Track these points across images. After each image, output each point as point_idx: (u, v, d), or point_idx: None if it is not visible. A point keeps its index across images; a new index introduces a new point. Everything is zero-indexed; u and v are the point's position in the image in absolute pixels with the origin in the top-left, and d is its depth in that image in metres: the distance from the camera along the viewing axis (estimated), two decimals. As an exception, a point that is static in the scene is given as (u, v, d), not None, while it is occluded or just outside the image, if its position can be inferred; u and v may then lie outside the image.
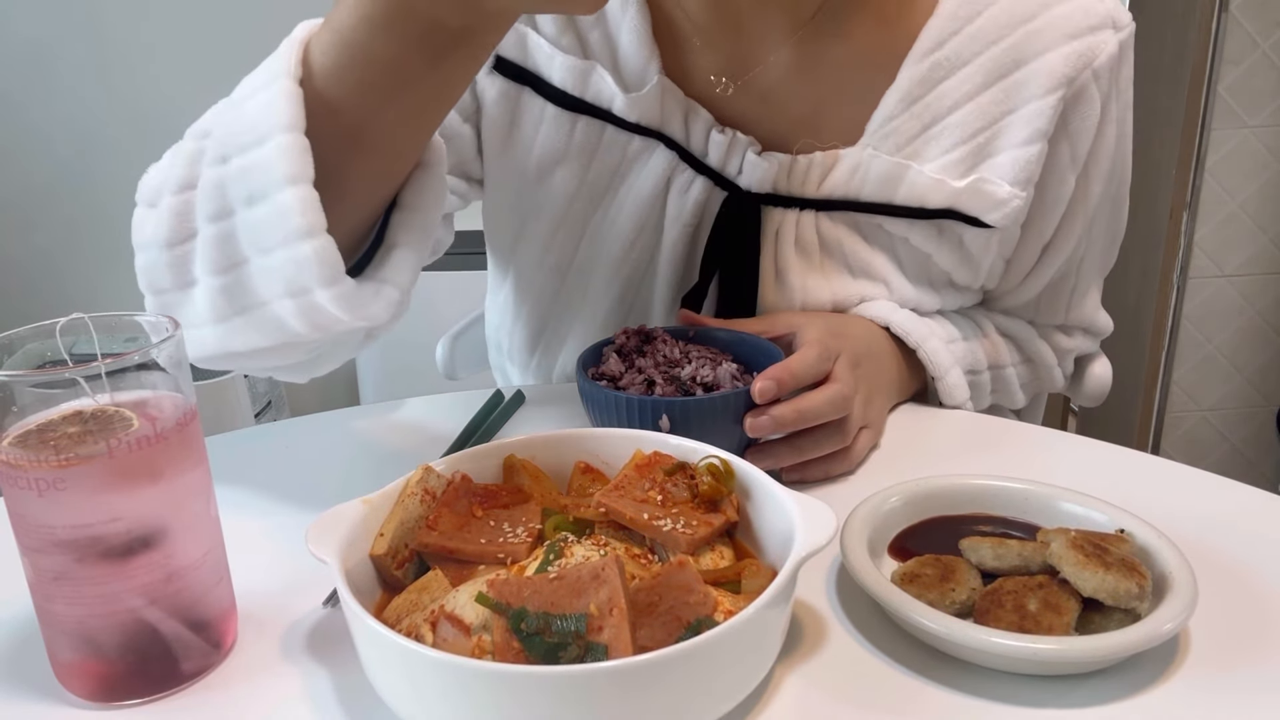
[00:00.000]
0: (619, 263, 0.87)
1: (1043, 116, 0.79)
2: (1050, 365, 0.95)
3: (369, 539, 0.55)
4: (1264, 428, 2.17)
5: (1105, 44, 0.79)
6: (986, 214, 0.81)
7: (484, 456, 0.61)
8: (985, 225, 0.82)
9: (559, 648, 0.45)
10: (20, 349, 0.51)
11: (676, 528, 0.54)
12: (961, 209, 0.81)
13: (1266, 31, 1.89)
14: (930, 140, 0.81)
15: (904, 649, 0.54)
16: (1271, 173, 1.98)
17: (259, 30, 2.13)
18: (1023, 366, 0.94)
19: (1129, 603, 0.52)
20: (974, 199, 0.80)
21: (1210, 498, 0.69)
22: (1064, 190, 0.84)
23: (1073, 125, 0.81)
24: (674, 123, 0.83)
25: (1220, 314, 2.07)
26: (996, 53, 0.79)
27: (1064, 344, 0.96)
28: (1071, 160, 0.83)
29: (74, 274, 2.27)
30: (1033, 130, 0.79)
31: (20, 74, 2.14)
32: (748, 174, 0.82)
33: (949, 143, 0.80)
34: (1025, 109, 0.79)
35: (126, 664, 0.51)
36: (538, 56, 0.82)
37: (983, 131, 0.80)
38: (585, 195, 0.86)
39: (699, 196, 0.83)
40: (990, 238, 0.83)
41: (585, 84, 0.82)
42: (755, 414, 0.68)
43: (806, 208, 0.83)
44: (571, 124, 0.83)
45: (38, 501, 0.48)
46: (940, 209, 0.82)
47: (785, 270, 0.84)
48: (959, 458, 0.75)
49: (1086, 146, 0.82)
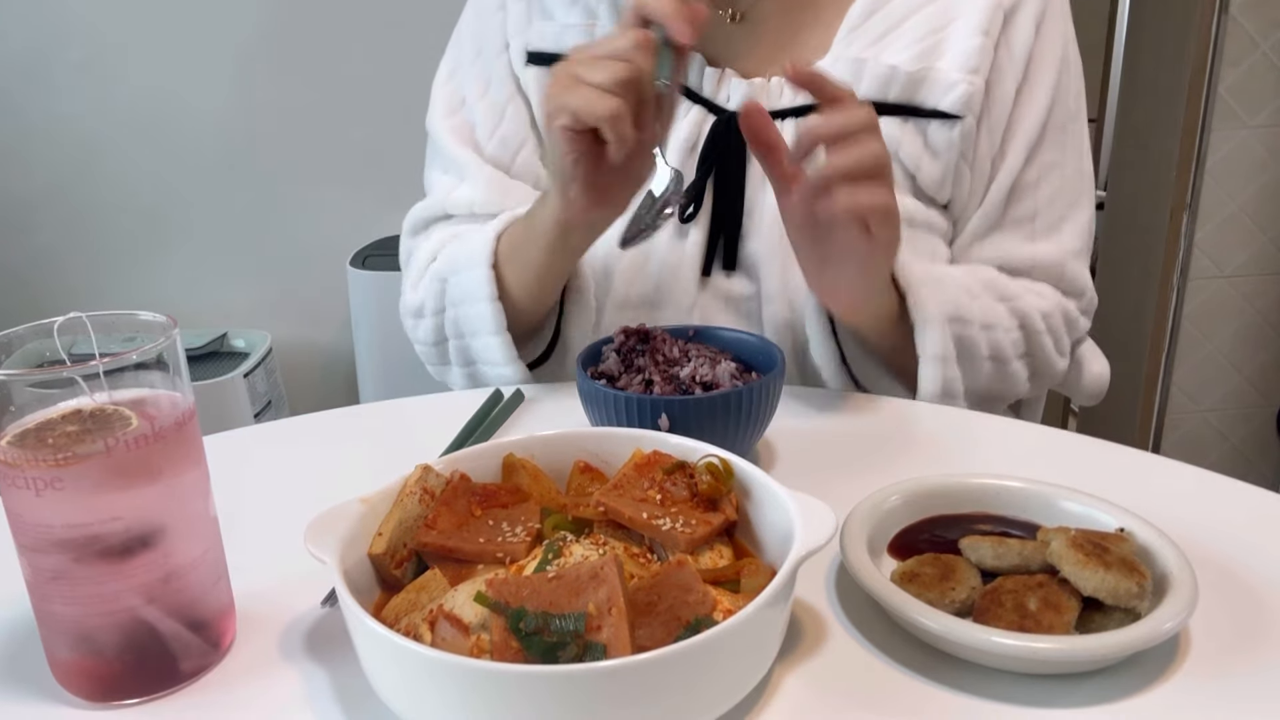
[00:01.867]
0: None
1: (981, 13, 0.90)
2: (1038, 330, 0.91)
3: (367, 538, 0.55)
4: (1264, 428, 2.17)
5: None
6: (940, 100, 0.90)
7: (483, 456, 0.61)
8: (945, 116, 0.90)
9: (558, 647, 0.45)
10: (18, 348, 0.51)
11: (675, 527, 0.54)
12: (918, 102, 0.90)
13: (1266, 32, 1.89)
14: (886, 45, 0.92)
15: (904, 649, 0.54)
16: (1271, 174, 1.98)
17: (258, 31, 2.14)
18: (1017, 333, 0.91)
19: (1129, 602, 0.52)
20: (927, 87, 0.90)
21: (1210, 497, 0.69)
22: (1006, 98, 0.92)
23: (1011, 38, 0.92)
24: None
25: (1220, 314, 2.07)
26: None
27: (1036, 303, 0.93)
28: (1010, 66, 0.92)
29: (73, 274, 2.27)
30: (973, 25, 0.90)
31: (20, 75, 2.14)
32: (734, 99, 0.94)
33: (903, 45, 0.91)
34: (967, 10, 0.91)
35: (125, 663, 0.51)
36: (555, 38, 0.97)
37: (931, 35, 0.91)
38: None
39: (695, 119, 0.95)
40: (952, 131, 0.90)
41: (594, 39, 0.91)
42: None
43: (787, 117, 0.93)
44: None
45: (35, 501, 0.48)
46: (900, 103, 0.90)
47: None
48: (959, 457, 0.75)
49: (1024, 57, 0.92)
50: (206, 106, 2.19)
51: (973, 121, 0.91)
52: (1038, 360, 0.93)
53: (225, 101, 2.20)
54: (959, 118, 0.90)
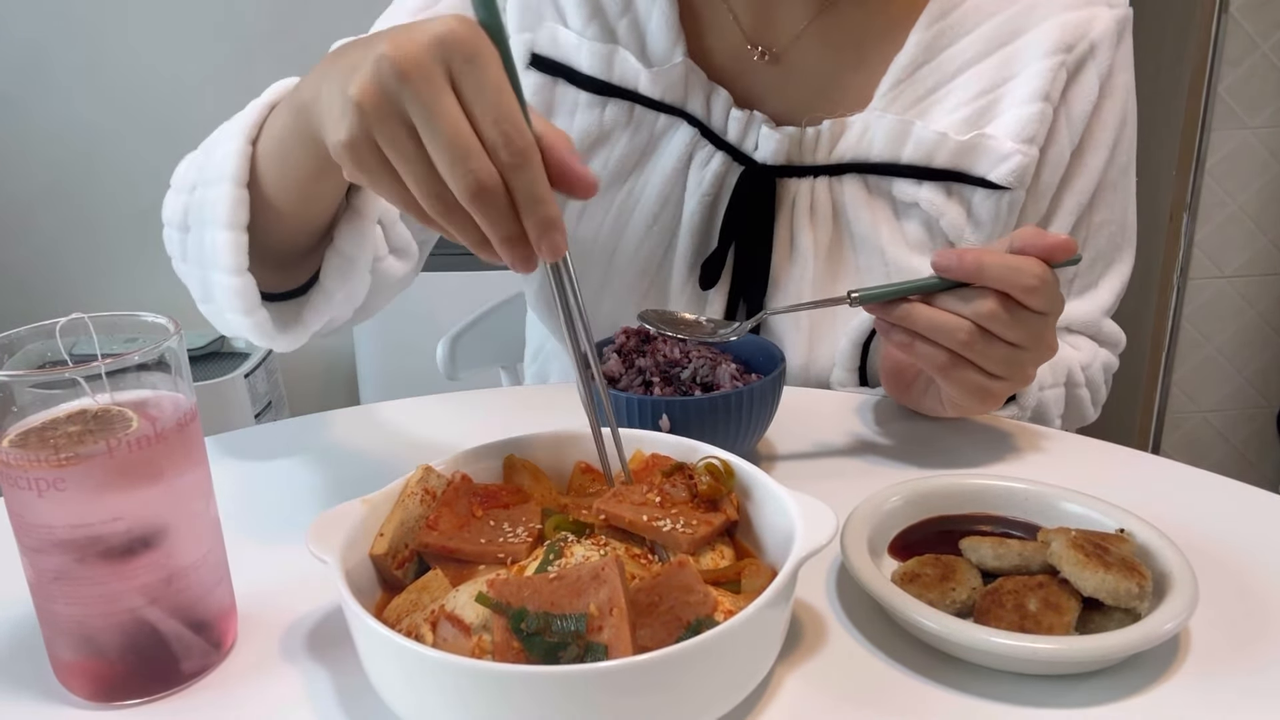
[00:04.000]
0: (642, 237, 0.90)
1: (1041, 78, 0.83)
2: (1077, 383, 0.91)
3: (369, 539, 0.55)
4: (1264, 428, 2.17)
5: (1100, 17, 0.85)
6: (991, 170, 0.83)
7: (484, 456, 0.61)
8: (993, 187, 0.83)
9: (559, 648, 0.45)
10: (20, 349, 0.51)
11: (676, 528, 0.54)
12: (966, 168, 0.83)
13: (1266, 33, 1.89)
14: (935, 104, 0.85)
15: (904, 649, 0.54)
16: (1271, 174, 1.98)
17: (259, 31, 2.14)
18: (1060, 389, 0.90)
19: (1129, 603, 0.52)
20: (977, 155, 0.83)
21: (1210, 498, 0.69)
22: (1060, 161, 0.86)
23: (1072, 99, 0.85)
24: (696, 101, 0.87)
25: (1220, 315, 2.07)
26: (998, 22, 0.84)
27: (1073, 355, 0.92)
28: (1068, 130, 0.85)
29: (73, 275, 2.27)
30: (1032, 90, 0.83)
31: (19, 76, 2.14)
32: (763, 148, 0.86)
33: (953, 104, 0.84)
34: (1025, 72, 0.83)
35: (126, 664, 0.51)
36: (566, 49, 0.88)
37: (985, 95, 0.84)
38: (614, 173, 0.89)
39: (718, 169, 0.87)
40: (1000, 201, 0.84)
41: (611, 67, 0.87)
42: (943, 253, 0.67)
43: (820, 175, 0.86)
44: (602, 107, 0.88)
45: (38, 501, 0.48)
46: (946, 169, 0.84)
47: (797, 236, 0.87)
48: (959, 458, 0.75)
49: (1084, 123, 0.86)
50: (207, 106, 2.18)
51: (1023, 192, 0.85)
52: (1072, 411, 0.93)
53: (226, 101, 2.19)
54: (1008, 189, 0.84)
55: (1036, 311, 0.67)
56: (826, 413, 0.83)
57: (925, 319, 0.67)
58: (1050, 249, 0.67)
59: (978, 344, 0.67)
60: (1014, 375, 0.69)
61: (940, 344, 0.68)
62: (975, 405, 0.72)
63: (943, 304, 0.68)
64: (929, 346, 0.68)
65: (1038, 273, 0.66)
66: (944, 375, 0.69)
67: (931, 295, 0.68)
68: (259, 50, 2.16)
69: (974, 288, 0.67)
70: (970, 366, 0.68)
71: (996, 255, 0.67)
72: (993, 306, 0.66)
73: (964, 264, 0.66)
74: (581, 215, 0.90)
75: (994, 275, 0.66)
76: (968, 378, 0.69)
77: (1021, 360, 0.69)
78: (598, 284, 0.92)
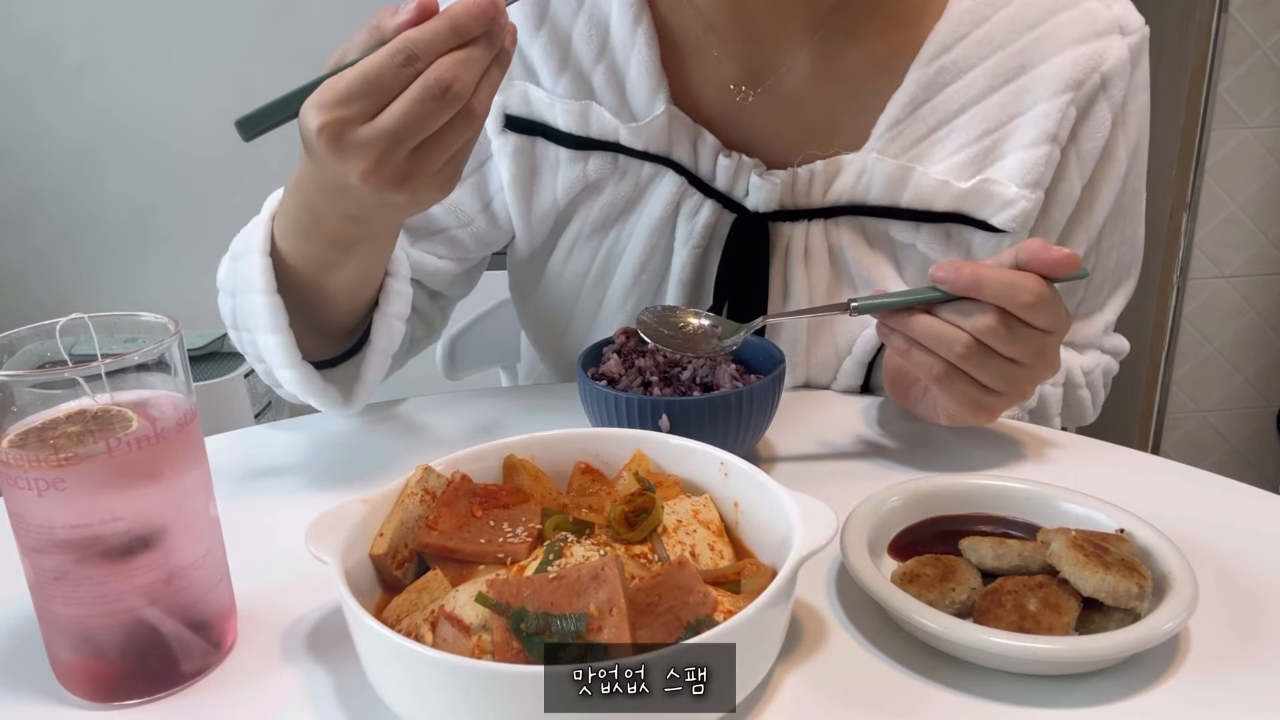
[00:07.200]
0: (629, 287, 0.88)
1: (1050, 119, 0.79)
2: (1077, 384, 0.91)
3: (369, 539, 0.55)
4: (1264, 428, 2.17)
5: (1112, 48, 0.80)
6: (994, 215, 0.80)
7: (484, 456, 0.61)
8: (994, 230, 0.81)
9: (559, 648, 0.45)
10: (20, 349, 0.51)
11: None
12: (968, 212, 0.81)
13: (1266, 32, 1.89)
14: (936, 144, 0.81)
15: (904, 649, 0.54)
16: (1271, 174, 1.98)
17: (257, 30, 2.14)
18: (1059, 388, 0.90)
19: (1129, 603, 0.52)
20: (980, 200, 0.80)
21: (1210, 498, 0.69)
22: (1069, 198, 0.83)
23: (1082, 136, 0.81)
24: (681, 148, 0.83)
25: (1220, 315, 2.07)
26: (1003, 58, 0.79)
27: (1077, 359, 0.91)
28: (1079, 171, 0.82)
29: (73, 274, 2.27)
30: (1040, 132, 0.79)
31: (19, 76, 2.14)
32: (754, 195, 0.83)
33: (955, 145, 0.80)
34: (1032, 111, 0.79)
35: (126, 664, 0.51)
36: (539, 107, 0.84)
37: (989, 135, 0.80)
38: (599, 220, 0.87)
39: (708, 219, 0.84)
40: (1000, 244, 0.81)
41: (587, 122, 0.83)
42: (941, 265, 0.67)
43: (815, 218, 0.83)
44: (584, 161, 0.85)
45: (37, 501, 0.48)
46: (947, 212, 0.81)
47: (791, 280, 0.85)
48: (959, 458, 0.75)
49: (1095, 158, 0.82)
50: (206, 106, 2.18)
51: (1025, 234, 0.82)
52: (1071, 411, 0.92)
53: (224, 101, 2.19)
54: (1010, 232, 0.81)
55: (1037, 328, 0.67)
56: (826, 413, 0.83)
57: (923, 328, 0.68)
58: (1054, 264, 0.67)
59: (974, 357, 0.67)
60: (1011, 391, 0.69)
61: (937, 354, 0.68)
62: (970, 417, 0.72)
63: (943, 315, 0.68)
64: (926, 355, 0.68)
65: (1035, 289, 0.66)
66: (939, 385, 0.69)
67: (933, 306, 0.68)
68: (258, 50, 2.16)
69: (976, 301, 0.67)
70: (966, 379, 0.68)
71: (995, 270, 0.66)
72: (991, 321, 0.66)
73: (961, 278, 0.66)
74: (570, 256, 0.89)
75: (990, 291, 0.66)
76: (963, 390, 0.69)
77: (1019, 376, 0.68)
78: (589, 320, 0.91)
